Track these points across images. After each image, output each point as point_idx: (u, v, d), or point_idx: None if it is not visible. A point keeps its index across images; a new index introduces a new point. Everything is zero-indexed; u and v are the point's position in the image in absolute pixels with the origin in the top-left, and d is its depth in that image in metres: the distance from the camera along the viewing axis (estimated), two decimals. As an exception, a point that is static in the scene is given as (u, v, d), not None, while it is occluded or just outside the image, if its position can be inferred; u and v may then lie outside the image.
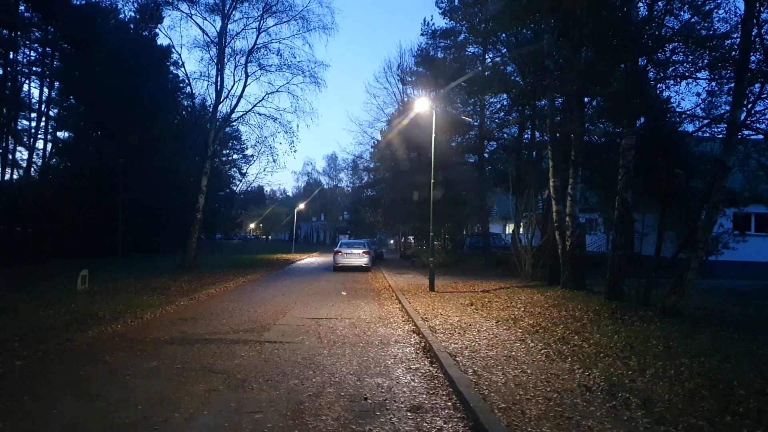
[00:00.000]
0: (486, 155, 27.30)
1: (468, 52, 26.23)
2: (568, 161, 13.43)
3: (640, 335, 7.59)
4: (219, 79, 19.52)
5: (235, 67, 20.22)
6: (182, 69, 28.28)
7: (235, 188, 52.55)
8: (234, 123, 20.82)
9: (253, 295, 13.26)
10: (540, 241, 17.88)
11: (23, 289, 11.94)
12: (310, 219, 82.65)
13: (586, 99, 13.55)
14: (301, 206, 47.70)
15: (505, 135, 27.47)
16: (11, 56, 27.67)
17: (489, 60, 25.95)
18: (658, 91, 11.99)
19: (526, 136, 24.28)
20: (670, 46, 11.45)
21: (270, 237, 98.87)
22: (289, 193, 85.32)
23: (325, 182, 75.04)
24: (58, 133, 31.03)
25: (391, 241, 61.83)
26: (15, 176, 28.74)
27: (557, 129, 13.75)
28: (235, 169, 51.17)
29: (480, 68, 25.24)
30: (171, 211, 33.38)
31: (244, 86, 20.07)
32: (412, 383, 5.49)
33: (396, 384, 5.44)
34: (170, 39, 46.09)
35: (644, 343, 7.12)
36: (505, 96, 25.46)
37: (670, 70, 11.61)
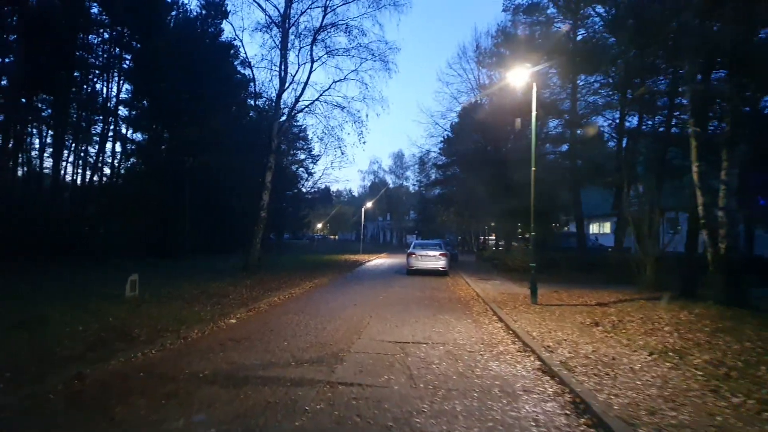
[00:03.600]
0: (578, 145, 24.03)
1: (555, 27, 23.15)
2: (712, 141, 10.44)
3: None
4: (283, 65, 17.93)
5: (300, 49, 18.53)
6: (248, 68, 27.10)
7: (302, 188, 51.97)
8: (299, 113, 19.17)
9: (321, 304, 11.32)
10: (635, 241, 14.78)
11: (70, 295, 10.69)
12: (377, 219, 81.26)
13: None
14: (369, 204, 46.08)
15: (600, 121, 24.19)
16: (86, 58, 27.91)
17: (581, 35, 22.77)
18: None
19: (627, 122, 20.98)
20: None
21: (337, 236, 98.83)
22: (355, 193, 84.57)
23: (391, 181, 73.30)
24: (128, 134, 31.11)
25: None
26: (86, 178, 29.01)
27: (701, 100, 10.70)
28: (302, 168, 50.57)
29: (571, 46, 22.17)
30: (238, 209, 32.75)
31: (310, 72, 18.52)
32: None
33: (569, 496, 3.10)
34: (232, 25, 45.11)
35: None
36: (600, 77, 22.28)
37: None
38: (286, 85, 17.84)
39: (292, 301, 11.74)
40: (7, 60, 25.23)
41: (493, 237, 52.89)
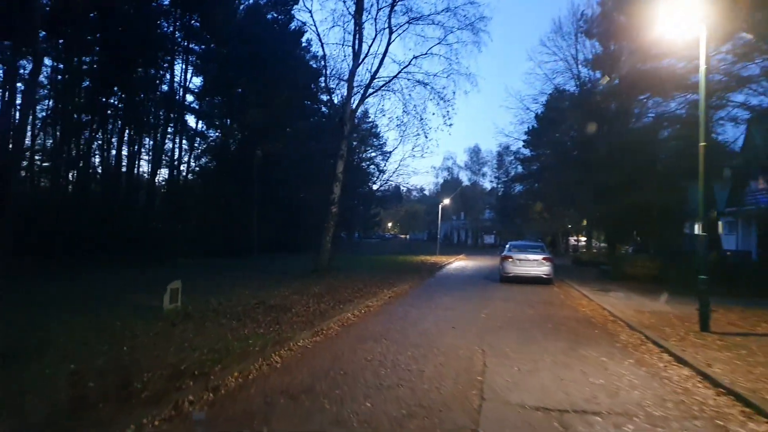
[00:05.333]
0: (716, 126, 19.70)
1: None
2: None
3: None
4: (357, 37, 15.44)
5: (378, 12, 15.73)
6: (319, 46, 24.84)
7: (373, 185, 49.90)
8: (376, 92, 16.50)
9: (409, 326, 8.60)
10: None
11: (103, 304, 8.77)
12: (449, 218, 77.61)
13: None
14: (446, 201, 42.98)
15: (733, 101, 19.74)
16: (158, 53, 27.14)
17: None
18: None
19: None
20: None
21: (408, 236, 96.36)
22: (426, 192, 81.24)
23: (466, 177, 69.48)
24: (198, 126, 30.26)
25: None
26: (158, 175, 28.36)
27: None
28: (373, 165, 48.46)
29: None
30: (309, 205, 31.12)
31: (388, 43, 15.71)
32: None
33: None
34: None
35: None
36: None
37: None
38: (361, 59, 15.36)
39: (371, 319, 9.12)
40: (86, 59, 24.91)
41: (583, 238, 47.96)
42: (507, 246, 17.14)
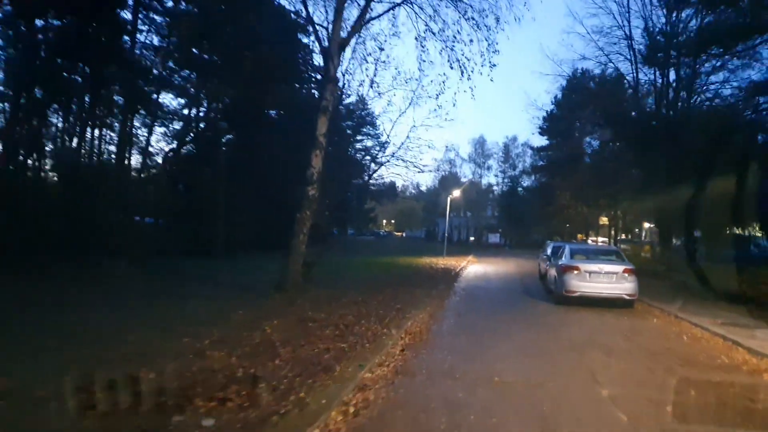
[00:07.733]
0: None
1: None
2: None
3: None
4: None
5: None
6: None
7: (368, 177, 44.61)
8: (383, 14, 10.98)
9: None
10: None
11: None
12: (448, 215, 72.19)
13: None
14: (456, 194, 37.72)
15: None
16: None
17: None
18: None
19: None
20: None
21: (404, 234, 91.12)
22: (423, 188, 75.56)
23: (469, 170, 64.14)
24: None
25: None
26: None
27: None
28: (368, 157, 43.15)
29: None
30: (291, 195, 25.87)
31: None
32: None
33: None
34: None
35: None
36: None
37: None
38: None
39: None
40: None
41: (602, 238, 42.85)
42: (566, 251, 11.81)
